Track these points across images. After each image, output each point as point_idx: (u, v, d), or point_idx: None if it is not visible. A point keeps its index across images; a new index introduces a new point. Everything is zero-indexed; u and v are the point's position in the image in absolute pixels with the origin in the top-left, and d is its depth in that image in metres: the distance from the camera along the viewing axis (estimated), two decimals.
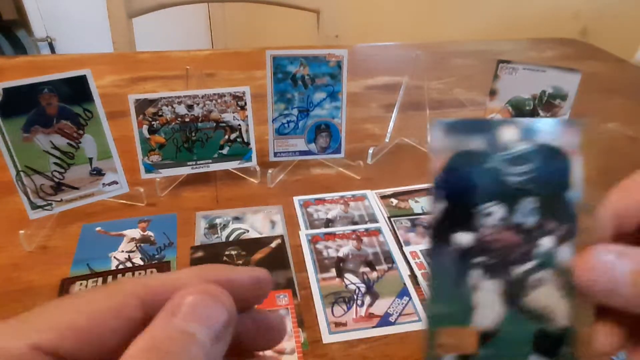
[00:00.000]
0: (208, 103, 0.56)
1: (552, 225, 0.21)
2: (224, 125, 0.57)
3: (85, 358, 0.16)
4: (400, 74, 0.75)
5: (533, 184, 0.21)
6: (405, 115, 0.68)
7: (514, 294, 0.21)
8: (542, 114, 0.58)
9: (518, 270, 0.21)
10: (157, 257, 0.48)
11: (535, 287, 0.21)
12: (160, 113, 0.55)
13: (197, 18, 2.15)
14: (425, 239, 0.45)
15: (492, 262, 0.21)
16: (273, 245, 0.50)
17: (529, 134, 0.21)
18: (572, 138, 0.21)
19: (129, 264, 0.47)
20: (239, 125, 0.58)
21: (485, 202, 0.21)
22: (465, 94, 0.87)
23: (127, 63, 0.98)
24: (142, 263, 0.48)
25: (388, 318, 0.43)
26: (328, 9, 1.13)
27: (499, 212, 0.21)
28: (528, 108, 0.58)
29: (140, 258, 0.48)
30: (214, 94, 0.56)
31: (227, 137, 0.58)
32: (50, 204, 0.50)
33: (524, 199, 0.21)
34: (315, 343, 0.40)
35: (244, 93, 0.57)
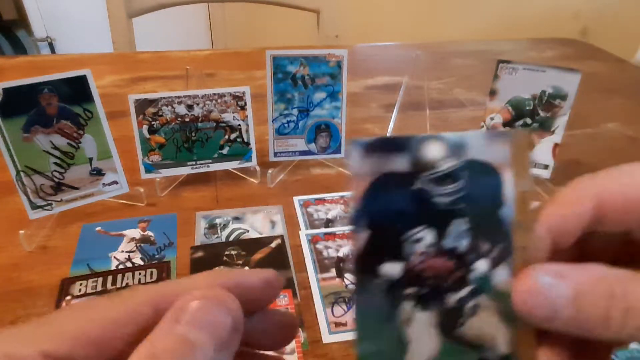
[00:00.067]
0: (208, 103, 0.56)
1: (486, 247, 0.19)
2: (224, 125, 0.57)
3: None
4: (400, 74, 0.75)
5: (463, 204, 0.19)
6: (405, 115, 0.68)
7: (450, 324, 0.19)
8: (542, 114, 0.58)
9: (453, 299, 0.19)
10: (157, 257, 0.48)
11: (472, 314, 0.19)
12: (160, 113, 0.55)
13: (197, 18, 2.15)
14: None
15: (424, 292, 0.19)
16: (273, 245, 0.50)
17: (456, 150, 0.19)
18: (502, 151, 0.19)
19: (129, 264, 0.47)
20: (239, 125, 0.58)
21: (413, 227, 0.19)
22: (465, 94, 0.87)
23: (127, 63, 0.98)
24: (142, 263, 0.48)
25: None
26: (328, 9, 1.13)
27: (429, 237, 0.19)
28: (528, 108, 0.58)
29: (140, 258, 0.48)
30: (214, 94, 0.56)
31: (227, 137, 0.58)
32: (50, 204, 0.50)
33: (455, 221, 0.19)
34: (315, 343, 0.40)
35: (244, 93, 0.57)
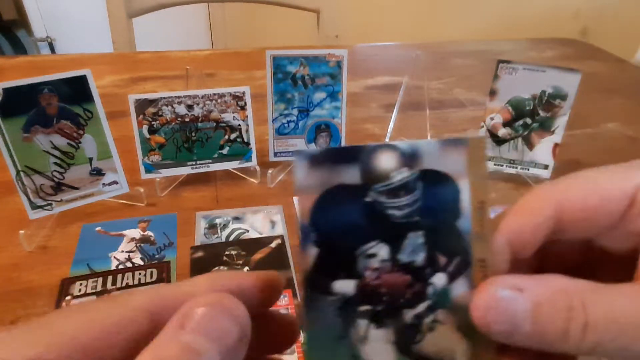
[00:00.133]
0: (208, 103, 0.56)
1: (443, 260, 0.19)
2: (224, 125, 0.57)
3: None
4: (400, 74, 0.75)
5: (418, 217, 0.18)
6: (405, 115, 0.68)
7: (408, 341, 0.19)
8: (542, 114, 0.58)
9: (410, 314, 0.19)
10: (157, 257, 0.48)
11: (431, 330, 0.19)
12: (160, 113, 0.54)
13: (197, 18, 2.15)
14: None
15: (379, 308, 0.19)
16: (273, 245, 0.50)
17: (410, 159, 0.18)
18: (457, 159, 0.18)
19: (129, 264, 0.47)
20: (239, 125, 0.58)
21: (366, 242, 0.18)
22: (465, 94, 0.87)
23: (127, 63, 0.98)
24: (142, 263, 0.48)
25: None
26: (328, 9, 1.13)
27: (383, 252, 0.18)
28: (528, 108, 0.58)
29: (140, 258, 0.48)
30: (214, 94, 0.56)
31: (227, 137, 0.58)
32: (50, 204, 0.50)
33: (410, 234, 0.19)
34: None
35: (244, 93, 0.57)
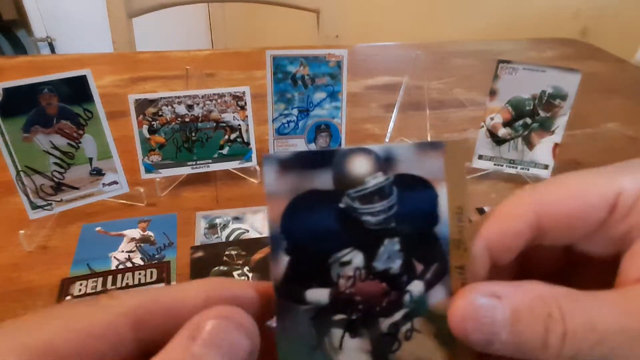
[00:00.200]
0: (208, 103, 0.56)
1: (420, 267, 0.18)
2: (224, 125, 0.57)
3: None
4: (400, 74, 0.75)
5: (394, 223, 0.18)
6: (405, 115, 0.68)
7: (384, 350, 0.18)
8: (542, 114, 0.58)
9: (386, 323, 0.18)
10: (157, 257, 0.48)
11: (408, 338, 0.18)
12: (160, 113, 0.54)
13: (197, 18, 2.15)
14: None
15: (355, 317, 0.18)
16: None
17: (385, 164, 0.18)
18: (435, 164, 0.18)
19: (129, 264, 0.47)
20: (239, 125, 0.58)
21: (340, 249, 0.18)
22: (465, 94, 0.87)
23: (127, 63, 0.98)
24: (142, 263, 0.48)
25: None
26: (328, 9, 1.13)
27: (357, 259, 0.18)
28: (528, 108, 0.58)
29: (140, 258, 0.48)
30: (214, 94, 0.56)
31: (227, 137, 0.58)
32: (50, 204, 0.50)
33: (386, 241, 0.18)
34: None
35: (244, 93, 0.57)
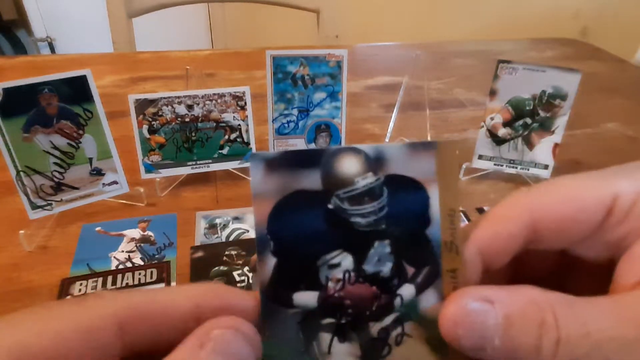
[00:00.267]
0: (208, 103, 0.56)
1: (411, 271, 0.18)
2: (224, 125, 0.57)
3: None
4: (400, 74, 0.75)
5: (385, 224, 0.17)
6: (405, 115, 0.68)
7: (375, 355, 0.18)
8: (542, 114, 0.58)
9: (376, 328, 0.18)
10: (157, 257, 0.48)
11: (399, 343, 0.18)
12: (160, 113, 0.54)
13: (197, 18, 2.15)
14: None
15: (344, 321, 0.17)
16: None
17: (375, 164, 0.17)
18: (426, 164, 0.17)
19: (129, 264, 0.47)
20: (239, 125, 0.58)
21: (328, 252, 0.17)
22: (465, 94, 0.87)
23: (127, 63, 0.98)
24: (142, 263, 0.48)
25: None
26: (328, 9, 1.13)
27: (347, 262, 0.17)
28: (528, 108, 0.58)
29: (140, 258, 0.48)
30: (214, 94, 0.56)
31: (227, 137, 0.58)
32: (50, 204, 0.50)
33: (376, 243, 0.18)
34: None
35: (244, 93, 0.57)
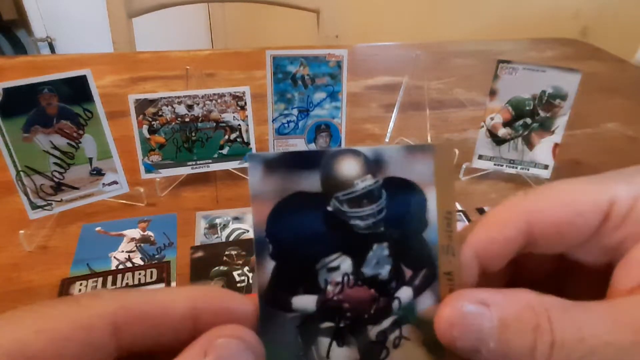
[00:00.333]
0: (208, 103, 0.56)
1: (409, 273, 0.18)
2: (224, 125, 0.57)
3: None
4: (400, 74, 0.75)
5: (383, 227, 0.18)
6: (405, 115, 0.68)
7: (374, 358, 0.18)
8: (542, 114, 0.58)
9: (374, 331, 0.18)
10: (157, 257, 0.48)
11: (396, 346, 0.18)
12: (160, 113, 0.54)
13: (197, 18, 2.15)
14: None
15: (342, 325, 0.17)
16: None
17: (374, 166, 0.17)
18: (424, 167, 0.17)
19: (129, 264, 0.47)
20: (239, 125, 0.58)
21: (327, 254, 0.17)
22: (465, 94, 0.87)
23: (127, 63, 0.98)
24: (142, 263, 0.48)
25: None
26: (328, 9, 1.13)
27: (346, 264, 0.17)
28: (528, 108, 0.58)
29: (140, 258, 0.48)
30: (214, 94, 0.56)
31: (227, 137, 0.58)
32: (50, 204, 0.50)
33: (374, 246, 0.18)
34: None
35: (244, 93, 0.57)
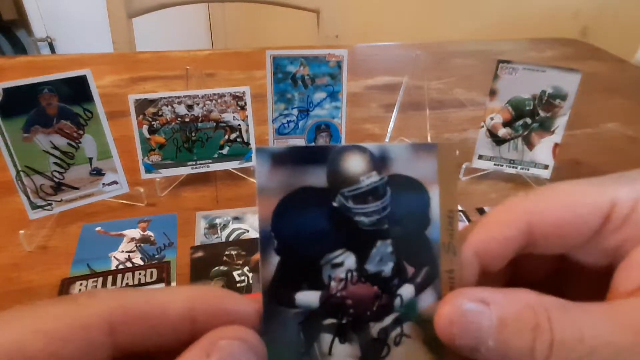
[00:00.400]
0: (208, 103, 0.56)
1: (411, 271, 0.18)
2: (224, 125, 0.57)
3: None
4: (400, 74, 0.75)
5: (387, 224, 0.18)
6: (405, 115, 0.68)
7: (374, 356, 0.18)
8: (542, 114, 0.58)
9: (376, 328, 0.18)
10: (157, 257, 0.48)
11: (398, 344, 0.18)
12: (160, 113, 0.54)
13: (197, 18, 2.15)
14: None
15: (345, 322, 0.18)
16: None
17: (379, 163, 0.17)
18: (428, 165, 0.17)
19: (129, 264, 0.47)
20: (239, 125, 0.58)
21: (331, 250, 0.17)
22: (465, 94, 0.87)
23: (127, 63, 0.98)
24: (142, 263, 0.48)
25: None
26: (328, 9, 1.13)
27: (350, 261, 0.17)
28: (528, 108, 0.58)
29: (140, 258, 0.48)
30: (214, 94, 0.56)
31: (227, 137, 0.58)
32: (50, 204, 0.50)
33: (378, 243, 0.18)
34: None
35: (244, 93, 0.57)
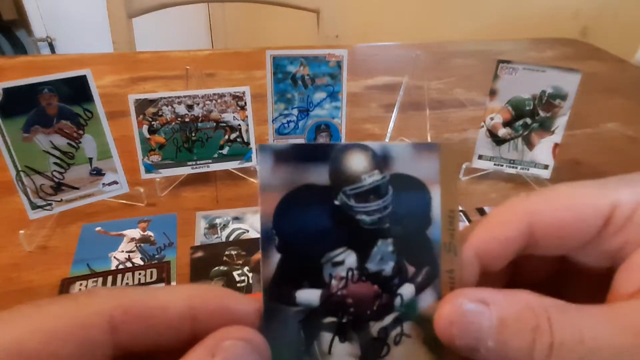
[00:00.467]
0: (208, 103, 0.56)
1: (411, 270, 0.18)
2: (224, 125, 0.57)
3: None
4: (400, 74, 0.75)
5: (388, 223, 0.18)
6: (405, 115, 0.67)
7: (374, 355, 0.18)
8: (542, 114, 0.58)
9: (376, 327, 0.18)
10: (157, 257, 0.48)
11: (397, 343, 0.18)
12: (160, 113, 0.54)
13: (197, 18, 2.15)
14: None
15: (345, 320, 0.17)
16: None
17: (382, 162, 0.17)
18: (430, 165, 0.17)
19: (129, 264, 0.47)
20: (239, 125, 0.58)
21: (333, 249, 0.17)
22: (465, 94, 0.87)
23: (127, 63, 0.98)
24: (142, 263, 0.48)
25: None
26: (328, 9, 1.13)
27: (350, 259, 0.17)
28: (528, 108, 0.58)
29: (140, 258, 0.48)
30: (214, 94, 0.56)
31: (227, 137, 0.58)
32: (50, 204, 0.50)
33: (379, 242, 0.18)
34: None
35: (244, 93, 0.57)
